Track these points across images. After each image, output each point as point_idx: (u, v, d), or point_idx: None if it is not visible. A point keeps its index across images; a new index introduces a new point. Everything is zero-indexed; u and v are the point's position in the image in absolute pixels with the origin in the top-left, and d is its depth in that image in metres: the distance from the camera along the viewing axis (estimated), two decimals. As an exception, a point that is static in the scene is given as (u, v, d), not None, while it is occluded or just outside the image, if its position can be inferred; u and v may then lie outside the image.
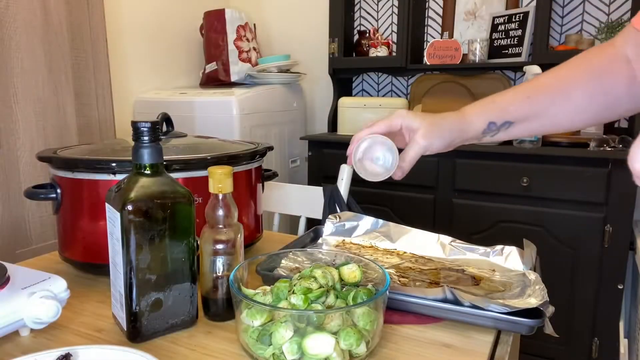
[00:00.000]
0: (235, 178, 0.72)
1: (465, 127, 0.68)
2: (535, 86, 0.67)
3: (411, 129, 0.68)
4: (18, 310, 0.59)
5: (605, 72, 0.65)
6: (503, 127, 0.68)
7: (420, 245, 0.87)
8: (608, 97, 0.65)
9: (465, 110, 0.69)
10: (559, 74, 0.67)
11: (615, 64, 0.64)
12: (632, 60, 0.64)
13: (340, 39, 2.21)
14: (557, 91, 0.66)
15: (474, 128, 0.68)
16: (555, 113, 0.66)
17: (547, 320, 0.60)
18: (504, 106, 0.67)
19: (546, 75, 0.68)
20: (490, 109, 0.68)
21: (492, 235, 1.79)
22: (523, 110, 0.67)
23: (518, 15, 1.97)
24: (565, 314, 1.72)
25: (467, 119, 0.68)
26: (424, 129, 0.67)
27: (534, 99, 0.66)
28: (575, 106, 0.66)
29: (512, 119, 0.67)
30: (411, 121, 0.67)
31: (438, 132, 0.67)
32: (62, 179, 0.78)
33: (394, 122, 0.68)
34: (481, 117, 0.68)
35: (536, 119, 0.67)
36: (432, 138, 0.67)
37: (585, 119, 0.68)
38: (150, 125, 0.59)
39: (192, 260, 0.63)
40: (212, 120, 1.97)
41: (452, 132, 0.68)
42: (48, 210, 1.63)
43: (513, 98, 0.67)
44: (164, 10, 2.24)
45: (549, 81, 0.67)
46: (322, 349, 0.51)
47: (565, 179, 1.65)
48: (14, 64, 1.53)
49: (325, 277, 0.60)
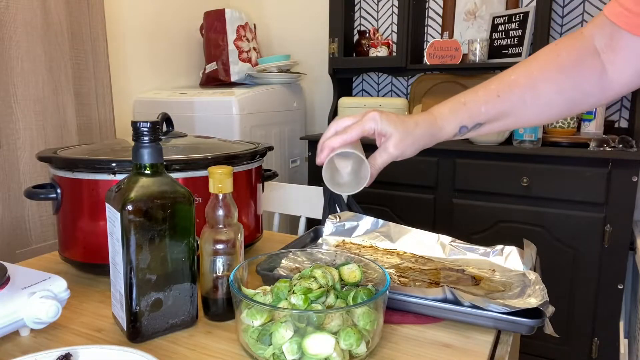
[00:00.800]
0: (235, 178, 0.72)
1: (436, 132, 0.67)
2: (506, 84, 0.66)
3: (384, 135, 0.66)
4: (18, 310, 0.59)
5: (574, 66, 0.63)
6: (474, 129, 0.68)
7: (420, 245, 0.88)
8: (577, 92, 0.64)
9: (437, 115, 0.68)
10: (529, 69, 0.66)
11: (584, 57, 0.63)
12: (601, 51, 0.62)
13: (340, 39, 2.21)
14: (527, 88, 0.65)
15: (446, 133, 0.68)
16: (526, 110, 0.66)
17: (547, 320, 0.60)
18: (476, 108, 0.66)
19: (516, 71, 0.67)
20: (461, 112, 0.67)
21: (492, 235, 1.79)
22: (494, 111, 0.66)
23: (518, 15, 1.97)
24: (565, 314, 1.72)
25: (439, 124, 0.67)
26: (397, 137, 0.65)
27: (504, 97, 0.65)
28: (545, 102, 0.65)
29: (483, 121, 0.67)
30: (385, 127, 0.65)
31: (410, 141, 0.66)
32: (62, 179, 0.78)
33: (366, 128, 0.66)
34: (453, 123, 0.67)
35: (507, 117, 0.67)
36: (404, 147, 0.66)
37: (555, 113, 0.67)
38: (150, 125, 0.59)
39: (192, 260, 0.63)
40: (212, 120, 1.97)
41: (424, 139, 0.67)
42: (48, 210, 1.63)
43: (484, 99, 0.66)
44: (164, 11, 2.24)
45: (519, 78, 0.66)
46: (322, 349, 0.51)
47: (565, 179, 1.65)
48: (14, 64, 1.53)
49: (325, 277, 0.60)
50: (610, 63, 0.62)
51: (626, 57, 0.60)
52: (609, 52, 0.62)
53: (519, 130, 1.72)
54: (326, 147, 0.65)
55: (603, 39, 0.62)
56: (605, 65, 0.62)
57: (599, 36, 0.62)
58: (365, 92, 2.49)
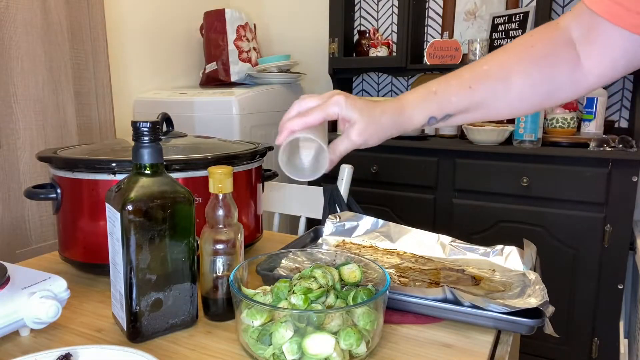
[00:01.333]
0: (235, 178, 0.72)
1: (404, 122, 0.65)
2: (478, 74, 0.64)
3: (348, 120, 0.63)
4: (18, 310, 0.59)
5: (547, 57, 0.62)
6: (443, 120, 0.66)
7: (420, 245, 0.88)
8: (550, 85, 0.63)
9: (405, 104, 0.65)
10: (502, 60, 0.64)
11: (559, 49, 0.62)
12: (577, 42, 0.61)
13: (340, 39, 2.21)
14: (499, 80, 0.63)
15: (413, 123, 0.65)
16: (496, 103, 0.64)
17: (547, 320, 0.60)
18: (446, 99, 0.64)
19: (489, 62, 0.65)
20: (431, 102, 0.64)
21: (492, 235, 1.79)
22: (465, 102, 0.64)
23: (518, 15, 1.97)
24: (565, 314, 1.72)
25: (407, 113, 0.64)
26: (361, 125, 0.62)
27: (475, 89, 0.64)
28: (517, 95, 0.64)
29: (453, 112, 0.65)
30: (349, 113, 0.62)
31: (375, 129, 0.63)
32: (62, 179, 0.78)
33: (330, 112, 0.62)
34: (422, 113, 0.65)
35: (477, 109, 0.65)
36: (368, 135, 0.63)
37: (526, 107, 0.66)
38: (150, 125, 0.59)
39: (192, 260, 0.63)
40: (212, 120, 1.97)
41: (390, 129, 0.64)
42: (48, 210, 1.63)
43: (456, 89, 0.64)
44: (164, 11, 2.24)
45: (491, 69, 0.64)
46: (322, 349, 0.51)
47: (565, 179, 1.65)
48: (14, 64, 1.53)
49: (325, 277, 0.60)
50: (586, 54, 0.61)
51: (602, 47, 0.59)
52: (585, 43, 0.60)
53: (519, 130, 1.72)
54: (286, 129, 0.62)
55: (580, 29, 0.61)
56: (580, 57, 0.61)
57: (576, 26, 0.61)
58: (365, 92, 2.49)
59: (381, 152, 1.95)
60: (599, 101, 1.78)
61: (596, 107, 1.79)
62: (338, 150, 0.64)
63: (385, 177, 1.95)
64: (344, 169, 1.32)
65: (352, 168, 1.33)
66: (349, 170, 1.32)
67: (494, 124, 1.84)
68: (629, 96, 1.97)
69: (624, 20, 0.55)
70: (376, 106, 0.64)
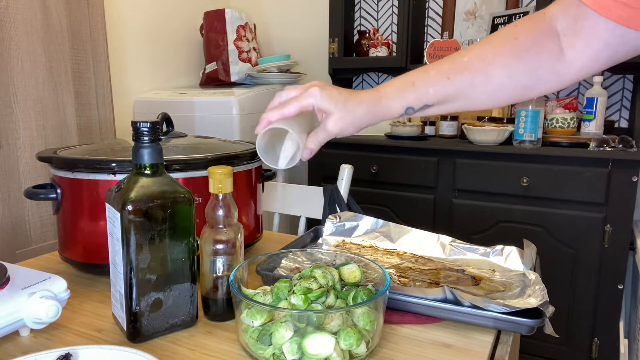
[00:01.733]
0: (235, 178, 0.72)
1: (380, 112, 0.65)
2: (457, 66, 0.64)
3: (324, 111, 0.65)
4: (18, 310, 0.59)
5: (530, 49, 0.62)
6: (421, 110, 0.66)
7: (420, 245, 0.88)
8: (531, 77, 0.63)
9: (382, 94, 0.65)
10: (482, 51, 0.64)
11: (542, 41, 0.61)
12: (561, 33, 0.61)
13: (340, 39, 2.21)
14: (478, 72, 0.63)
15: (390, 112, 0.66)
16: (475, 94, 0.64)
17: (547, 320, 0.60)
18: (424, 90, 0.64)
19: (469, 53, 0.65)
20: (409, 93, 0.65)
21: (492, 235, 1.79)
22: (442, 93, 0.64)
23: (518, 15, 1.97)
24: (565, 314, 1.72)
25: (384, 103, 0.65)
26: (337, 115, 0.64)
27: (454, 80, 0.64)
28: (496, 87, 0.64)
29: (431, 102, 0.65)
30: (325, 105, 0.64)
31: (351, 120, 0.64)
32: (62, 179, 0.78)
33: (305, 103, 0.64)
34: (399, 103, 0.65)
35: (455, 100, 0.65)
36: (344, 126, 0.64)
37: (505, 98, 0.65)
38: (150, 125, 0.59)
39: (192, 260, 0.63)
40: (212, 120, 1.97)
41: (366, 118, 0.65)
42: (48, 210, 1.63)
43: (434, 80, 0.64)
44: (164, 11, 2.24)
45: (472, 60, 0.64)
46: (322, 349, 0.51)
47: (565, 179, 1.65)
48: (14, 64, 1.53)
49: (325, 277, 0.60)
50: (570, 45, 0.60)
51: (587, 39, 0.59)
52: (570, 35, 0.60)
53: (519, 130, 1.72)
54: (264, 119, 0.64)
55: (566, 20, 0.60)
56: (564, 48, 0.61)
57: (562, 17, 0.61)
58: (365, 92, 2.49)
59: (381, 152, 1.95)
60: (599, 101, 1.78)
61: (596, 107, 1.79)
62: (318, 140, 0.65)
63: (385, 177, 1.95)
64: (344, 169, 1.32)
65: (352, 168, 1.33)
66: (349, 170, 1.32)
67: (493, 124, 1.84)
68: (629, 96, 1.97)
69: (611, 11, 0.55)
70: (352, 97, 0.65)
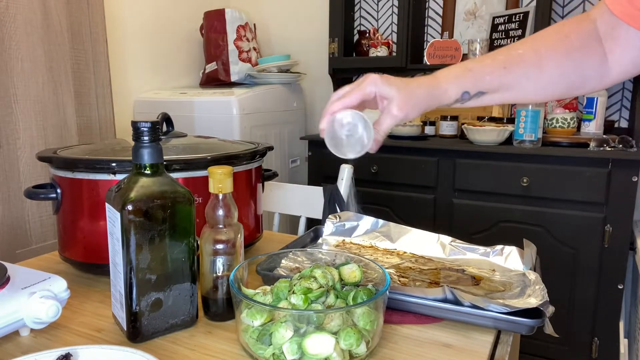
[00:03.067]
0: (235, 178, 0.72)
1: (439, 95, 0.66)
2: (513, 57, 0.66)
3: (385, 97, 0.65)
4: (18, 310, 0.59)
5: (580, 49, 0.64)
6: (475, 96, 0.67)
7: (420, 245, 0.88)
8: (579, 75, 0.65)
9: (440, 77, 0.67)
10: (537, 46, 0.66)
11: (590, 42, 0.64)
12: (602, 37, 0.63)
13: (340, 39, 2.21)
14: (532, 64, 0.65)
15: (448, 96, 0.67)
16: (527, 86, 0.66)
17: (547, 320, 0.60)
18: (480, 76, 0.66)
19: (524, 46, 0.67)
20: (466, 78, 0.66)
21: (492, 235, 1.79)
22: (497, 81, 0.66)
23: (518, 15, 1.97)
24: (565, 314, 1.72)
25: (442, 87, 0.66)
26: (399, 99, 0.64)
27: (509, 70, 0.65)
28: (547, 81, 0.66)
29: (485, 89, 0.66)
30: (386, 90, 0.64)
31: (413, 102, 0.65)
32: (62, 179, 0.78)
33: (367, 91, 0.65)
34: (456, 87, 0.66)
35: (508, 90, 0.67)
36: (407, 109, 0.65)
37: (553, 93, 0.68)
38: (150, 125, 0.59)
39: (192, 260, 0.63)
40: (212, 120, 1.97)
41: (427, 101, 0.66)
42: (48, 210, 1.63)
43: (490, 68, 0.66)
44: (164, 10, 2.24)
45: (526, 53, 0.66)
46: (322, 349, 0.51)
47: (565, 179, 1.65)
48: (14, 64, 1.53)
49: (325, 277, 0.60)
50: (610, 50, 0.63)
51: (624, 47, 0.61)
52: (609, 40, 0.62)
53: (519, 130, 1.72)
54: (327, 113, 0.65)
55: (603, 26, 0.63)
56: (606, 52, 0.63)
57: (600, 22, 0.63)
58: (365, 92, 2.49)
59: (381, 152, 1.94)
60: (599, 101, 1.78)
61: (596, 107, 1.79)
62: (382, 129, 0.66)
63: (385, 177, 1.95)
64: (344, 169, 1.32)
65: (352, 168, 1.33)
66: (349, 170, 1.32)
67: (494, 124, 1.84)
68: (629, 96, 1.97)
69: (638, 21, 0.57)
70: (411, 81, 0.66)
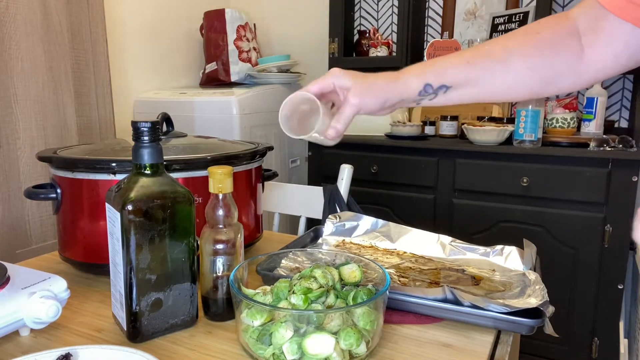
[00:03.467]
0: (235, 178, 0.72)
1: (399, 87, 0.67)
2: (478, 52, 0.66)
3: (344, 87, 0.67)
4: (18, 310, 0.59)
5: (551, 45, 0.63)
6: (440, 91, 0.67)
7: (420, 245, 0.88)
8: (551, 72, 0.64)
9: (403, 71, 0.68)
10: (505, 43, 0.66)
11: (563, 37, 0.63)
12: (582, 33, 0.62)
13: (340, 39, 2.21)
14: (498, 60, 0.65)
15: (410, 89, 0.67)
16: (494, 82, 0.66)
17: (547, 320, 0.60)
18: (443, 69, 0.66)
19: (492, 43, 0.67)
20: (428, 70, 0.67)
21: (492, 235, 1.79)
22: (461, 75, 0.66)
23: (518, 15, 1.97)
24: (565, 314, 1.72)
25: (402, 79, 0.67)
26: (356, 87, 0.66)
27: (473, 64, 0.65)
28: (515, 77, 0.65)
29: (449, 83, 0.66)
30: (344, 80, 0.67)
31: (370, 91, 0.66)
32: (62, 179, 0.78)
33: (326, 82, 0.68)
34: (417, 79, 0.67)
35: (474, 85, 0.66)
36: (364, 96, 0.66)
37: (524, 91, 0.67)
38: (150, 125, 0.59)
39: (192, 260, 0.63)
40: (212, 120, 1.97)
41: (385, 92, 0.67)
42: (48, 210, 1.63)
43: (454, 62, 0.66)
44: (164, 11, 2.24)
45: (493, 49, 0.66)
46: (322, 349, 0.51)
47: (565, 179, 1.65)
48: (14, 64, 1.53)
49: (325, 277, 0.60)
50: (590, 45, 0.62)
51: (606, 40, 0.60)
52: (590, 34, 0.61)
53: (519, 130, 1.72)
54: None
55: (587, 21, 0.62)
56: (584, 47, 0.62)
57: (583, 18, 0.62)
58: (365, 92, 2.49)
59: (381, 152, 1.95)
60: (599, 101, 1.78)
61: (596, 107, 1.79)
62: (342, 117, 0.67)
63: (385, 177, 1.95)
64: (344, 169, 1.32)
65: (352, 168, 1.33)
66: (349, 170, 1.32)
67: (494, 124, 1.84)
68: (629, 96, 1.97)
69: (629, 13, 0.56)
70: (373, 74, 0.68)
